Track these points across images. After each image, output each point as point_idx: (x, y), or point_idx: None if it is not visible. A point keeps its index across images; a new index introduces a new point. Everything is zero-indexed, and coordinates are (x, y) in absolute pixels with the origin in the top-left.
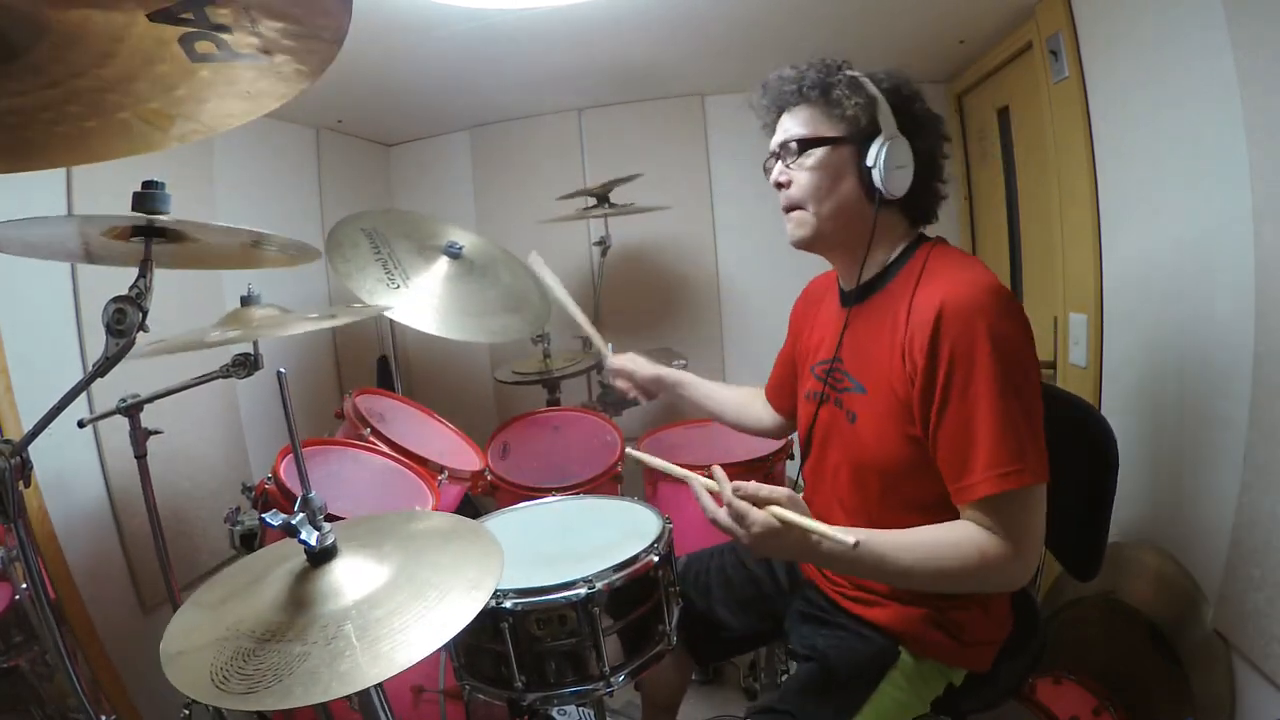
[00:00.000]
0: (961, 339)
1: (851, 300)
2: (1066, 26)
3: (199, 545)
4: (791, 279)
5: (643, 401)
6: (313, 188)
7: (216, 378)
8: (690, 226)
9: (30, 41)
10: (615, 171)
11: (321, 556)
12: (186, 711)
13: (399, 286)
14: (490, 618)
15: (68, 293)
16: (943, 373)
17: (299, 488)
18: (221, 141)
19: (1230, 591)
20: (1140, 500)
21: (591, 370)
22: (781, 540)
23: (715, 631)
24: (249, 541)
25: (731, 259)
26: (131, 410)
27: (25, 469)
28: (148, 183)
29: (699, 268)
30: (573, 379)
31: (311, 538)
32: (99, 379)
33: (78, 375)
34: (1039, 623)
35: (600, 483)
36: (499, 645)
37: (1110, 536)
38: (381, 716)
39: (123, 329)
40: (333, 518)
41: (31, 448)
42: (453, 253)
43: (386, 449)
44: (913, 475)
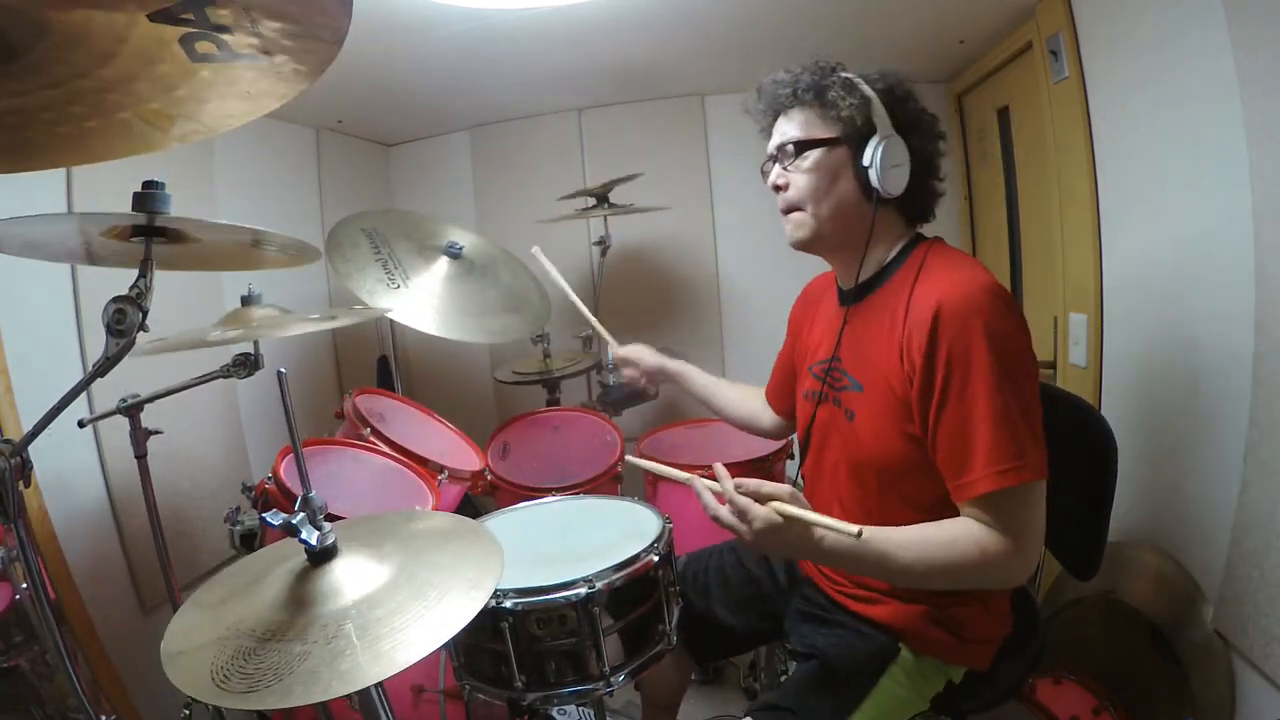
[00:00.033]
0: (959, 339)
1: (849, 300)
2: (1066, 26)
3: (199, 545)
4: (791, 279)
5: (651, 390)
6: (313, 188)
7: (217, 378)
8: (690, 226)
9: (31, 42)
10: (615, 171)
11: (322, 556)
12: (186, 711)
13: (399, 286)
14: (490, 617)
15: (68, 293)
16: (941, 372)
17: (299, 487)
18: (222, 141)
19: (1230, 591)
20: (1140, 500)
21: (591, 370)
22: (784, 536)
23: (714, 631)
24: (249, 541)
25: (731, 259)
26: (131, 410)
27: (25, 469)
28: (148, 183)
29: (699, 268)
30: (573, 379)
31: (312, 537)
32: (99, 379)
33: (78, 375)
34: (1039, 622)
35: (600, 483)
36: (499, 645)
37: (1110, 536)
38: (382, 716)
39: (123, 329)
40: (333, 517)
41: (31, 448)
42: (453, 253)
43: (386, 449)
44: (911, 473)
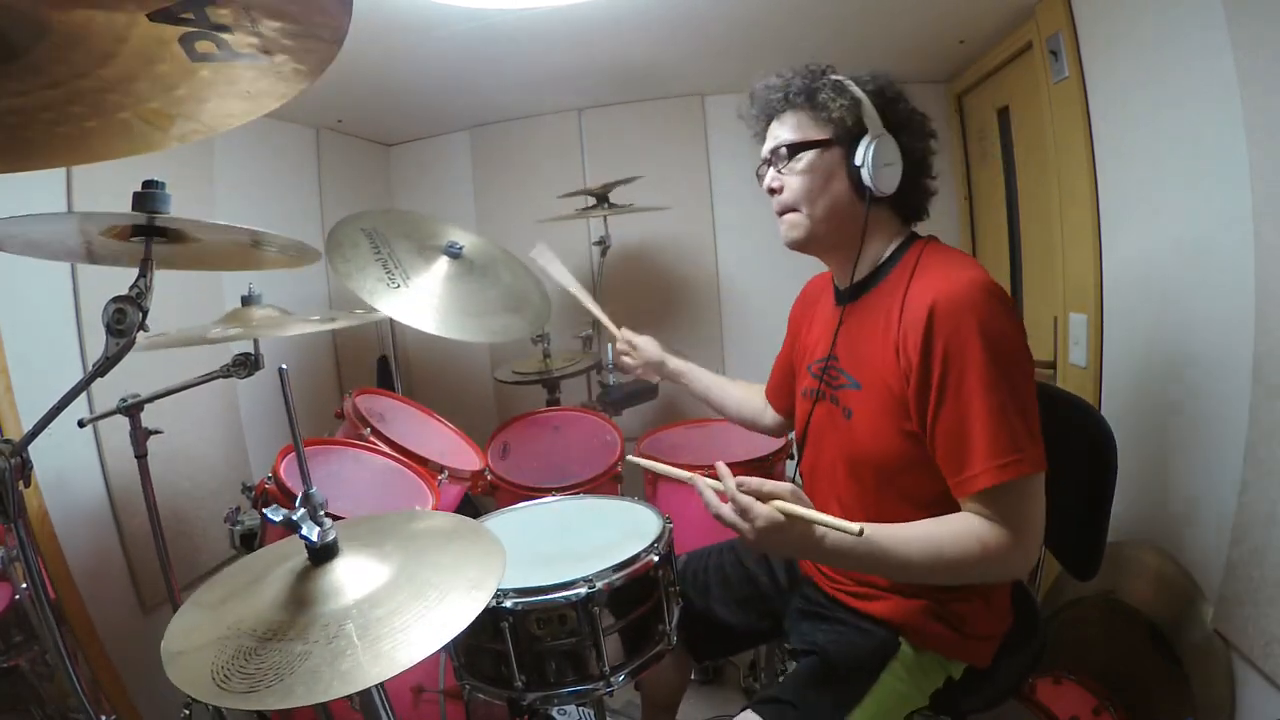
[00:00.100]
0: (954, 336)
1: (846, 299)
2: (1066, 26)
3: (199, 545)
4: (791, 279)
5: (651, 379)
6: (313, 188)
7: (217, 377)
8: (690, 226)
9: (31, 42)
10: (615, 171)
11: (323, 553)
12: (186, 711)
13: (399, 286)
14: (490, 617)
15: (68, 293)
16: (937, 370)
17: (299, 487)
18: (221, 141)
19: (1230, 591)
20: (1140, 500)
21: (591, 370)
22: (785, 535)
23: (714, 630)
24: (249, 541)
25: (731, 259)
26: (132, 410)
27: (25, 469)
28: (148, 182)
29: (699, 268)
30: (573, 379)
31: (313, 533)
32: (99, 379)
33: (78, 375)
34: (1039, 620)
35: (600, 483)
36: (499, 645)
37: (1110, 536)
38: (383, 716)
39: (123, 329)
40: (333, 517)
41: (31, 447)
42: (453, 253)
43: (386, 449)
44: (908, 470)
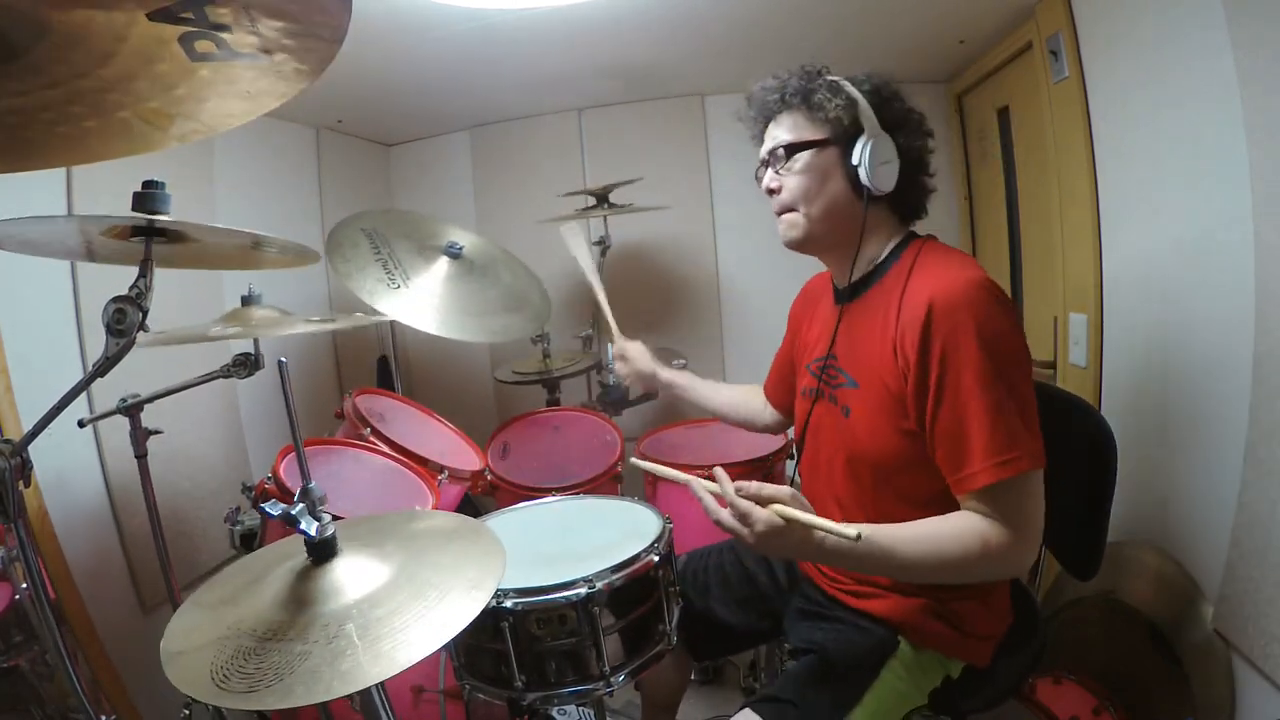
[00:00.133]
0: (951, 335)
1: (844, 298)
2: (1066, 26)
3: (199, 545)
4: (791, 279)
5: (635, 391)
6: (313, 188)
7: (217, 377)
8: (690, 226)
9: (31, 42)
10: (615, 171)
11: (322, 549)
12: (186, 711)
13: (399, 287)
14: (490, 617)
15: (68, 292)
16: (935, 369)
17: (299, 486)
18: (221, 141)
19: (1230, 591)
20: (1140, 500)
21: (591, 370)
22: (785, 539)
23: (713, 629)
24: (249, 541)
25: (731, 259)
26: (132, 410)
27: (25, 469)
28: (148, 182)
29: (699, 268)
30: (573, 379)
31: (311, 528)
32: (99, 379)
33: (78, 375)
34: (1039, 620)
35: (600, 483)
36: (499, 645)
37: (1110, 536)
38: (383, 716)
39: (123, 329)
40: (333, 517)
41: (31, 447)
42: (453, 253)
43: (386, 449)
44: (906, 468)
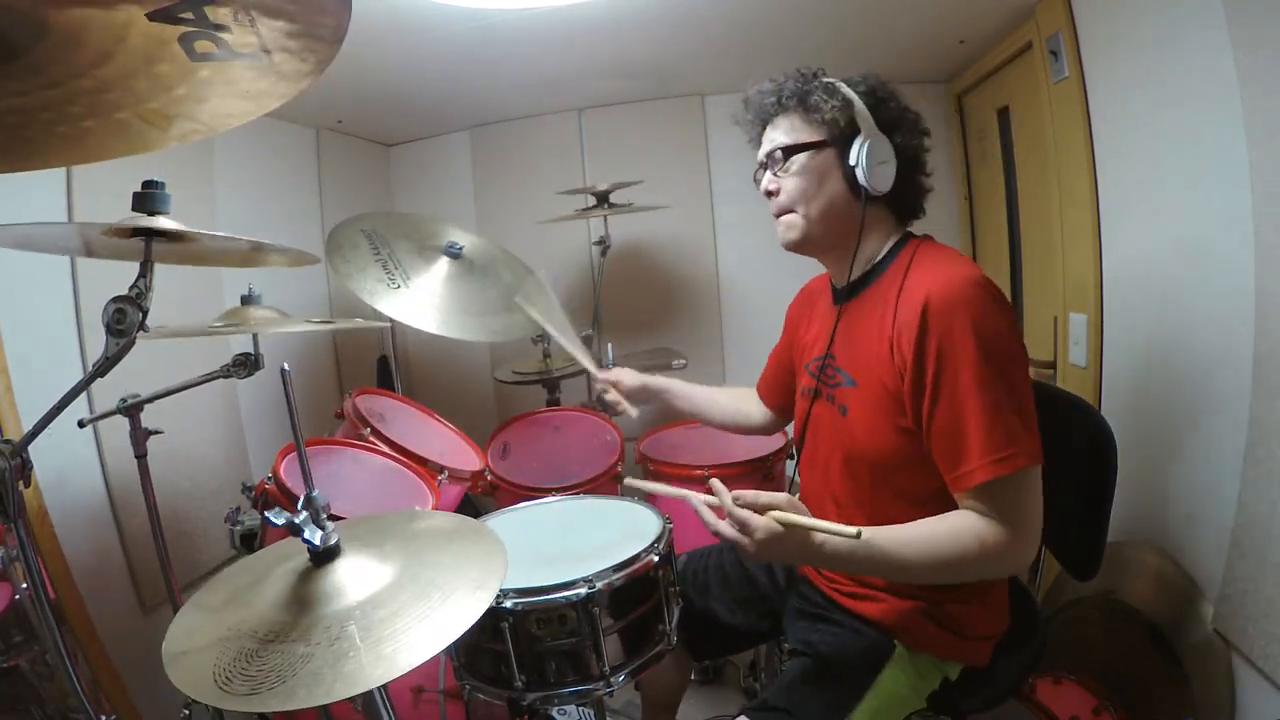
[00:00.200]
0: (948, 334)
1: (842, 298)
2: (1066, 26)
3: (199, 545)
4: (791, 279)
5: (633, 414)
6: (313, 188)
7: (217, 377)
8: (690, 226)
9: (30, 42)
10: (615, 171)
11: (325, 556)
12: (186, 712)
13: (399, 287)
14: (490, 617)
15: (68, 292)
16: (931, 368)
17: (299, 487)
18: (221, 141)
19: (1230, 591)
20: (1140, 500)
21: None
22: (786, 544)
23: (713, 629)
24: (249, 541)
25: (731, 259)
26: (132, 410)
27: (25, 469)
28: (148, 183)
29: (699, 268)
30: (573, 379)
31: (315, 537)
32: (99, 379)
33: (78, 375)
34: (1038, 620)
35: (600, 483)
36: (499, 645)
37: (1110, 536)
38: (386, 718)
39: (123, 329)
40: (333, 518)
41: (31, 447)
42: (453, 253)
43: (386, 449)
44: (903, 467)
